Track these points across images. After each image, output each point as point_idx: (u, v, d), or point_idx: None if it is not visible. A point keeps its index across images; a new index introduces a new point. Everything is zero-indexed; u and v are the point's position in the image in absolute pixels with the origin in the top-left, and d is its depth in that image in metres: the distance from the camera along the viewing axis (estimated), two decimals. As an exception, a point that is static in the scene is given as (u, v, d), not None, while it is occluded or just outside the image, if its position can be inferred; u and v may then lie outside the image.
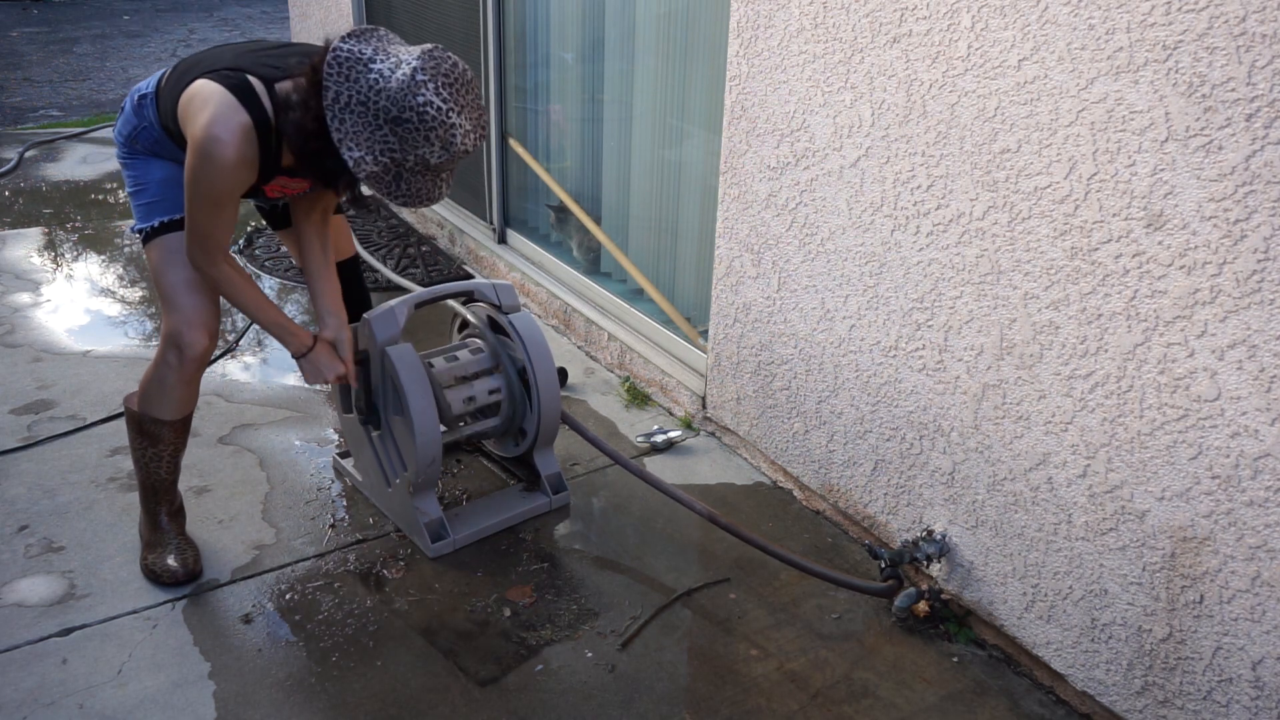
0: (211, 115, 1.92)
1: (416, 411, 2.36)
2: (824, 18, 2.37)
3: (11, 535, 2.52)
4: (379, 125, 1.87)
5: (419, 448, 2.37)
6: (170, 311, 2.20)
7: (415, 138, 1.88)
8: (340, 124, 1.86)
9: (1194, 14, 1.67)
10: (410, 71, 1.86)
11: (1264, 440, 1.70)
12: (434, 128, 1.87)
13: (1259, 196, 1.64)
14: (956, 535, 2.32)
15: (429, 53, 1.89)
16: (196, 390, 2.31)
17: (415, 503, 2.47)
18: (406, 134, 1.87)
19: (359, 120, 1.86)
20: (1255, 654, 1.79)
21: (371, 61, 1.87)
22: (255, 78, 1.98)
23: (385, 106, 1.86)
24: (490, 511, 2.62)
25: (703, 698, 2.12)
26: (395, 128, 1.87)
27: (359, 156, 1.88)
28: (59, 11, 10.34)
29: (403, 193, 1.95)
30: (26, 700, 2.04)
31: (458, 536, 2.52)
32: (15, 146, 5.71)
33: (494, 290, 2.59)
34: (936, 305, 2.25)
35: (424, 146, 1.89)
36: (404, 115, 1.86)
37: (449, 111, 1.88)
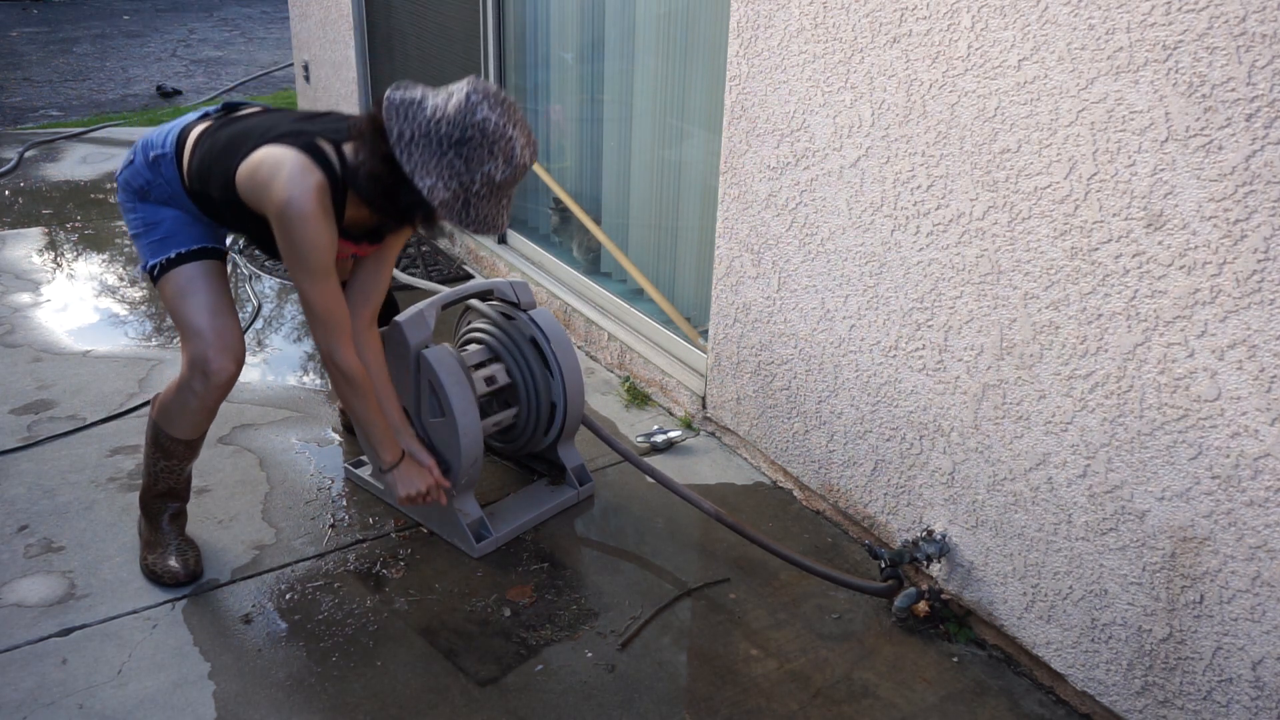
0: (287, 177, 1.98)
1: (459, 411, 2.36)
2: (824, 18, 2.38)
3: (11, 535, 2.52)
4: (444, 151, 1.94)
5: (464, 448, 2.38)
6: (192, 337, 2.20)
7: (480, 154, 1.95)
8: (409, 157, 1.93)
9: (1194, 14, 1.67)
10: (464, 96, 1.95)
11: (1264, 440, 1.70)
12: (495, 140, 1.95)
13: (1259, 196, 1.64)
14: (956, 535, 2.32)
15: (474, 80, 2.00)
16: (215, 413, 2.32)
17: (456, 504, 2.47)
18: (471, 152, 1.95)
19: (425, 150, 1.94)
20: (1255, 654, 1.79)
21: (424, 100, 1.97)
22: (324, 140, 2.05)
23: (448, 131, 1.94)
24: (524, 507, 2.64)
25: (703, 698, 2.12)
26: (460, 149, 1.95)
27: (431, 184, 1.94)
28: (59, 11, 10.34)
29: (472, 218, 2.00)
30: (26, 700, 2.04)
31: (499, 534, 2.53)
32: (15, 146, 5.71)
33: (512, 288, 2.62)
34: (936, 305, 2.25)
35: (489, 162, 1.96)
36: (467, 135, 1.94)
37: (506, 125, 1.96)
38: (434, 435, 2.45)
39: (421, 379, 2.42)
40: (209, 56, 8.60)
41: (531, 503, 2.67)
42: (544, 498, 2.69)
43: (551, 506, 2.66)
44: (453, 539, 2.52)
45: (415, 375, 2.43)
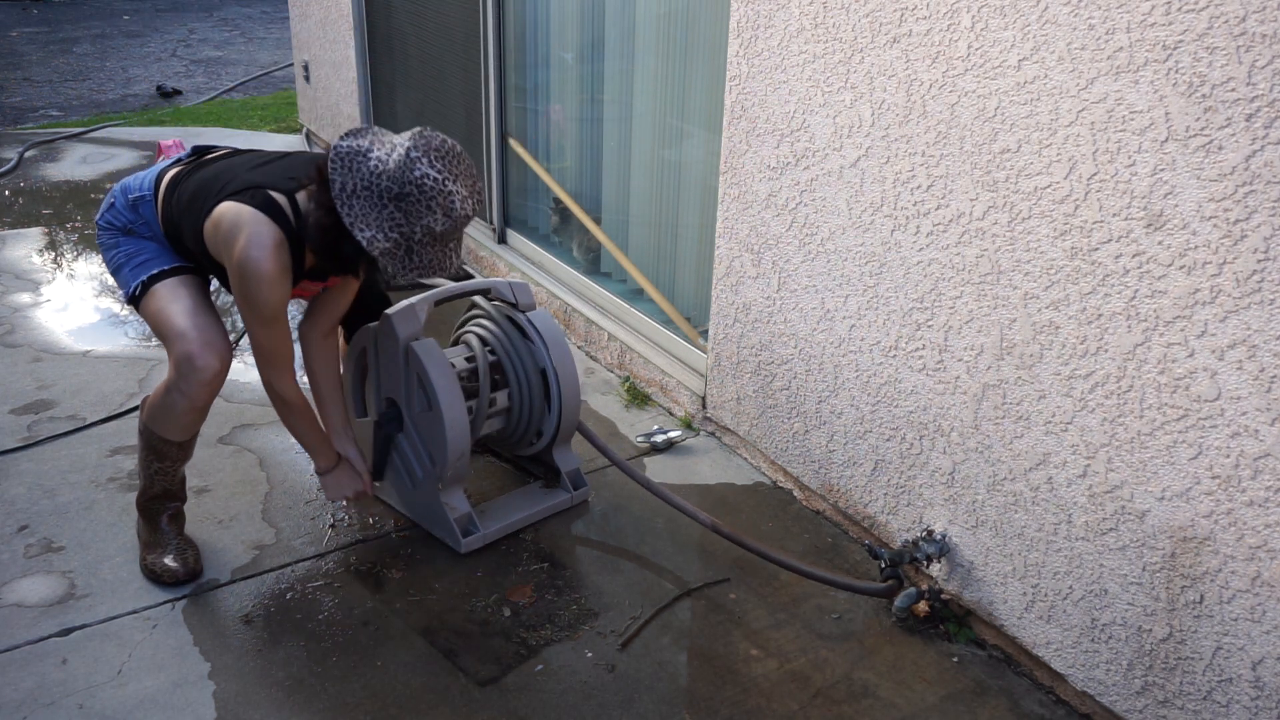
0: (247, 237, 2.07)
1: (446, 405, 2.37)
2: (824, 18, 2.38)
3: (11, 535, 2.52)
4: (384, 204, 2.02)
5: (450, 442, 2.38)
6: (176, 339, 2.22)
7: (419, 209, 2.03)
8: (349, 209, 2.02)
9: (1194, 14, 1.67)
10: (404, 152, 2.03)
11: (1264, 440, 1.70)
12: (434, 196, 2.04)
13: (1259, 196, 1.64)
14: (956, 535, 2.32)
15: (418, 134, 2.07)
16: (206, 413, 2.33)
17: (444, 499, 2.48)
18: (410, 207, 2.03)
19: (365, 203, 2.02)
20: (1255, 654, 1.79)
21: (369, 151, 2.04)
22: (276, 192, 2.12)
23: (387, 186, 2.02)
24: (515, 507, 2.63)
25: (703, 698, 2.12)
26: (399, 204, 2.03)
27: (370, 235, 2.03)
28: (59, 11, 10.34)
29: (416, 265, 2.10)
30: (26, 700, 2.04)
31: (487, 531, 2.53)
32: (15, 146, 5.71)
33: (510, 289, 2.61)
34: (936, 305, 2.25)
35: (427, 216, 2.04)
36: (405, 190, 2.02)
37: (444, 180, 2.05)
38: (421, 428, 2.45)
39: (410, 372, 2.42)
40: (209, 56, 8.60)
41: (523, 503, 2.66)
42: (536, 499, 2.67)
43: (544, 508, 2.65)
44: (440, 533, 2.53)
45: (404, 368, 2.43)
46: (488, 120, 4.05)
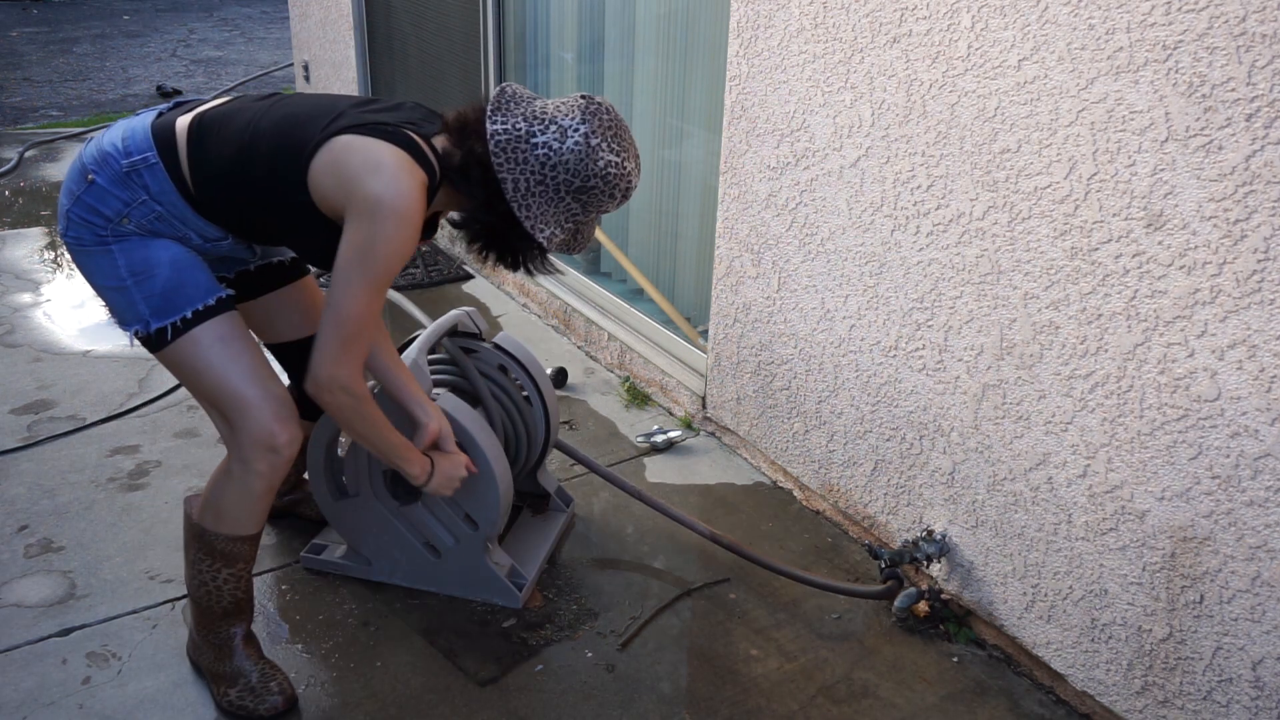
0: (391, 174, 1.71)
1: (493, 459, 2.18)
2: (824, 18, 2.38)
3: (11, 535, 2.52)
4: (562, 197, 1.82)
5: (502, 496, 2.21)
6: (245, 411, 1.85)
7: (601, 199, 1.84)
8: (527, 210, 1.80)
9: (1194, 14, 1.67)
10: (583, 138, 1.80)
11: (1264, 440, 1.70)
12: (616, 183, 1.83)
13: (1259, 196, 1.64)
14: (956, 535, 2.32)
15: (589, 110, 1.82)
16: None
17: (491, 559, 2.31)
18: (592, 198, 1.84)
19: (542, 200, 1.81)
20: (1255, 654, 1.79)
21: (532, 135, 1.79)
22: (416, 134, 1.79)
23: (567, 179, 1.80)
24: (531, 542, 2.51)
25: (703, 698, 2.12)
26: (580, 195, 1.83)
27: (550, 233, 1.83)
28: (59, 11, 10.34)
29: (578, 245, 1.90)
30: (26, 700, 2.04)
31: (530, 576, 2.39)
32: (15, 146, 5.71)
33: (470, 318, 2.46)
34: (936, 305, 2.25)
35: (608, 203, 1.85)
36: (589, 184, 1.82)
37: (625, 162, 1.84)
38: (458, 493, 2.22)
39: None
40: (209, 56, 8.60)
41: (535, 537, 2.53)
42: (543, 528, 2.56)
43: (556, 533, 2.55)
44: (487, 597, 2.34)
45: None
46: (488, 120, 4.05)
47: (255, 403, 1.85)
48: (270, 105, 1.86)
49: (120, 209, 1.81)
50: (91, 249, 1.83)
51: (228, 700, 2.02)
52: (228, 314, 1.88)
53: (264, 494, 1.92)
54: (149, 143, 1.82)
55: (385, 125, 1.77)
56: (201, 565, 1.97)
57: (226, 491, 1.92)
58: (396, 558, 2.36)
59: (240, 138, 1.81)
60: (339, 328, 1.76)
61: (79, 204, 1.82)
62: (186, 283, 1.84)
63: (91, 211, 1.81)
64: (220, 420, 1.91)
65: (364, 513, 2.33)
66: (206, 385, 1.87)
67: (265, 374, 1.88)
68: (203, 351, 1.84)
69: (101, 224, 1.81)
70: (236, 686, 2.02)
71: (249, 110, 1.85)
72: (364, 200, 1.71)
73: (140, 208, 1.81)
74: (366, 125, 1.76)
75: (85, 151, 1.85)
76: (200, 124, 1.84)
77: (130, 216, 1.81)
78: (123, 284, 1.83)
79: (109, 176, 1.81)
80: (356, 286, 1.74)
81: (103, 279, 1.85)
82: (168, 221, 1.84)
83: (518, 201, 1.78)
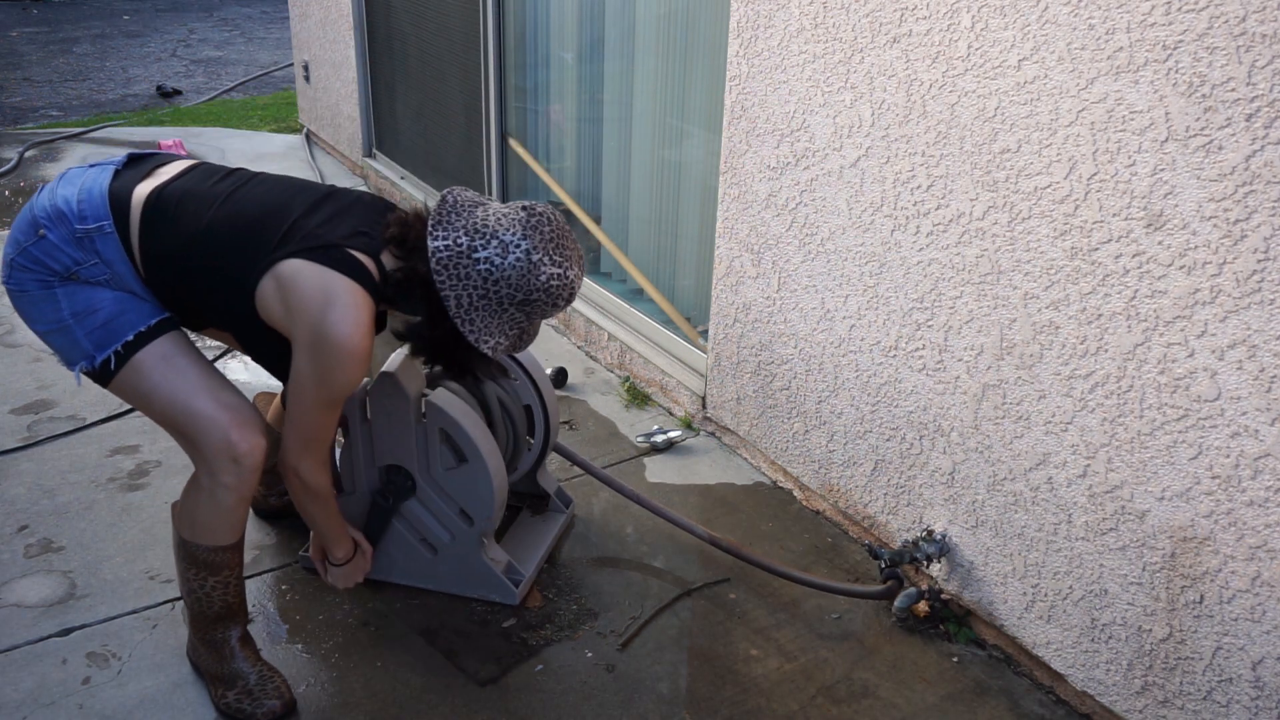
0: (341, 310, 1.75)
1: (486, 454, 2.18)
2: (824, 18, 2.38)
3: (11, 535, 2.52)
4: (505, 309, 1.86)
5: (495, 492, 2.21)
6: (203, 427, 1.84)
7: (544, 308, 1.88)
8: (470, 325, 1.83)
9: (1194, 14, 1.67)
10: (524, 254, 1.82)
11: (1264, 440, 1.70)
12: (560, 293, 1.87)
13: (1259, 196, 1.64)
14: (956, 535, 2.32)
15: (530, 224, 1.84)
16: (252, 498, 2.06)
17: (486, 555, 2.31)
18: (535, 308, 1.88)
19: (485, 313, 1.84)
20: (1255, 654, 1.79)
21: (474, 251, 1.82)
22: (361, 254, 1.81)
23: (509, 293, 1.84)
24: (530, 543, 2.50)
25: (703, 698, 2.12)
26: (524, 307, 1.87)
27: (495, 343, 1.87)
28: (59, 11, 10.34)
29: (522, 345, 1.95)
30: (26, 700, 2.04)
31: (528, 573, 2.38)
32: (15, 146, 5.71)
33: None
34: (936, 305, 2.25)
35: (551, 311, 1.90)
36: (531, 296, 1.85)
37: (566, 273, 1.87)
38: (450, 487, 2.25)
39: (429, 428, 2.21)
40: (209, 56, 8.60)
41: (534, 536, 2.52)
42: (542, 528, 2.56)
43: (555, 533, 2.54)
44: (483, 594, 2.34)
45: (416, 427, 2.21)
46: (488, 120, 4.05)
47: (208, 415, 1.84)
48: (227, 195, 1.86)
49: (70, 265, 1.81)
50: (34, 293, 1.82)
51: (225, 703, 2.02)
52: (169, 334, 1.87)
53: (235, 505, 1.91)
54: (105, 210, 1.81)
55: (332, 248, 1.78)
56: (188, 573, 1.98)
57: (198, 504, 1.92)
58: (393, 555, 2.36)
59: (190, 230, 1.81)
60: (299, 432, 1.88)
61: (25, 254, 1.80)
62: (128, 310, 1.84)
63: (38, 264, 1.80)
64: (180, 439, 1.90)
65: (360, 510, 2.33)
66: (158, 408, 1.86)
67: (215, 385, 1.87)
68: (147, 374, 1.84)
69: (49, 274, 1.81)
70: (235, 689, 2.02)
71: (204, 196, 1.85)
72: (316, 335, 1.76)
73: (91, 268, 1.82)
74: (315, 250, 1.78)
75: (38, 203, 1.83)
76: (157, 200, 1.83)
77: (79, 274, 1.82)
78: (64, 324, 1.82)
79: (62, 235, 1.80)
80: (311, 406, 1.84)
81: (44, 324, 1.84)
82: (118, 280, 1.84)
83: (460, 317, 1.82)
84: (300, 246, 1.78)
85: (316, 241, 1.79)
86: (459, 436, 2.18)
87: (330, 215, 1.86)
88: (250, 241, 1.80)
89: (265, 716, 2.00)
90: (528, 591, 2.37)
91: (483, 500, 2.23)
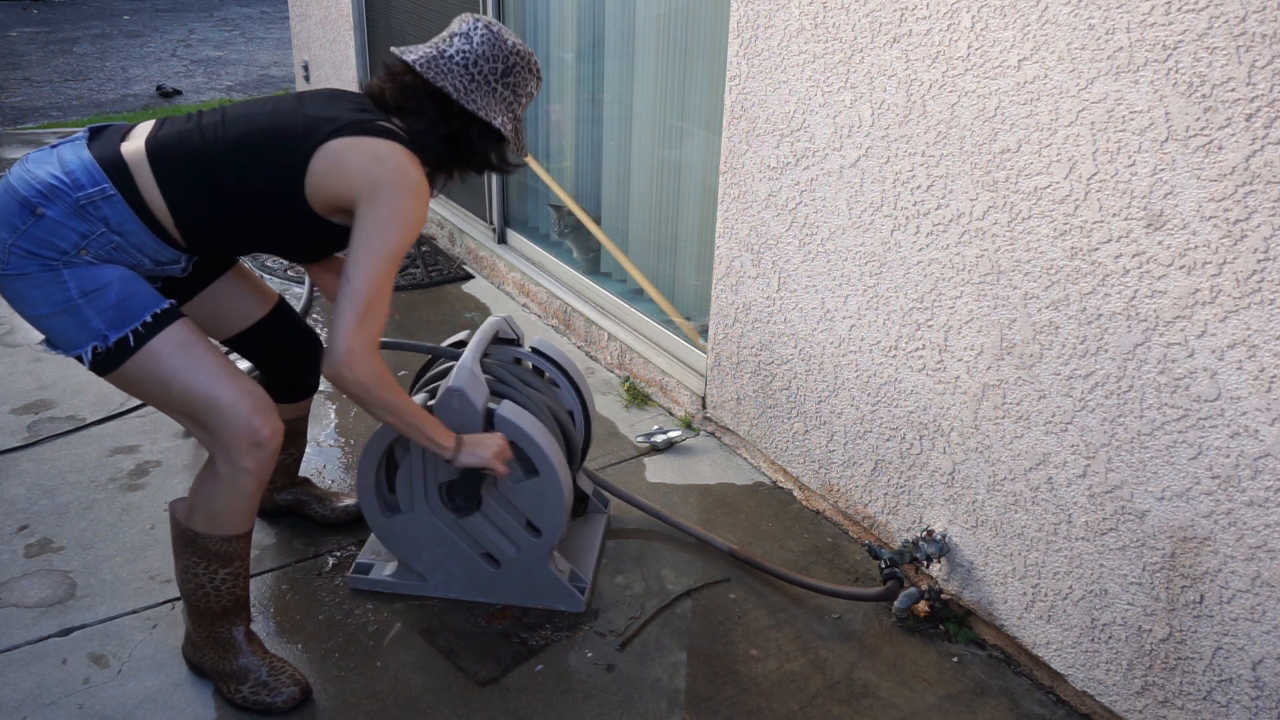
0: (396, 160, 1.83)
1: (557, 465, 2.17)
2: (824, 18, 2.38)
3: (11, 535, 2.52)
4: (494, 87, 1.96)
5: (566, 500, 2.20)
6: (222, 411, 1.84)
7: (523, 76, 2.00)
8: (475, 103, 1.94)
9: (1194, 14, 1.67)
10: (484, 28, 1.97)
11: (1264, 440, 1.70)
12: (529, 59, 2.01)
13: (1259, 196, 1.64)
14: (956, 535, 2.32)
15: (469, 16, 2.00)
16: None
17: (555, 565, 2.31)
18: (517, 79, 1.99)
19: (480, 94, 1.95)
20: (1255, 654, 1.79)
21: (444, 52, 1.95)
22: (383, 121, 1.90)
23: (491, 68, 1.96)
24: (581, 546, 2.50)
25: (703, 698, 2.12)
26: (506, 79, 1.98)
27: (502, 120, 1.98)
28: (59, 11, 10.34)
29: (522, 142, 2.06)
30: (26, 700, 2.04)
31: (588, 579, 2.39)
32: (15, 147, 5.71)
33: (509, 325, 2.43)
34: (936, 305, 2.25)
35: (530, 81, 2.02)
36: (509, 63, 1.97)
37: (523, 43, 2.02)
38: (518, 500, 2.21)
39: None
40: (209, 56, 8.60)
41: (583, 539, 2.52)
42: (586, 531, 2.56)
43: (600, 535, 2.55)
44: (549, 603, 2.33)
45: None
46: (488, 120, 4.05)
47: (231, 402, 1.84)
48: (219, 123, 1.88)
49: (77, 241, 1.77)
50: (37, 276, 1.77)
51: (240, 697, 2.02)
52: (181, 320, 1.87)
53: (255, 491, 1.92)
54: (100, 174, 1.79)
55: (357, 124, 1.86)
56: (197, 569, 1.96)
57: (217, 494, 1.90)
58: (453, 570, 2.32)
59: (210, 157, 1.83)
60: (357, 301, 1.80)
61: (26, 238, 1.76)
62: (137, 292, 1.83)
63: (42, 245, 1.76)
64: (196, 427, 1.88)
65: (418, 527, 2.28)
66: (176, 394, 1.84)
67: (233, 372, 1.88)
68: (166, 361, 1.82)
69: (54, 256, 1.77)
70: (247, 683, 2.02)
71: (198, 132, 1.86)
72: (377, 186, 1.81)
73: (98, 239, 1.79)
74: (346, 128, 1.85)
75: (18, 183, 1.78)
76: (158, 151, 1.83)
77: (88, 248, 1.79)
78: (72, 304, 1.78)
79: (63, 210, 1.76)
80: (377, 259, 1.81)
81: (46, 307, 1.79)
82: (124, 251, 1.83)
83: (465, 99, 1.93)
84: (331, 129, 1.84)
85: (341, 123, 1.85)
86: (530, 449, 2.15)
87: (324, 105, 1.93)
88: (278, 142, 1.85)
89: (286, 704, 2.02)
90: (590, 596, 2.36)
91: (554, 512, 2.20)
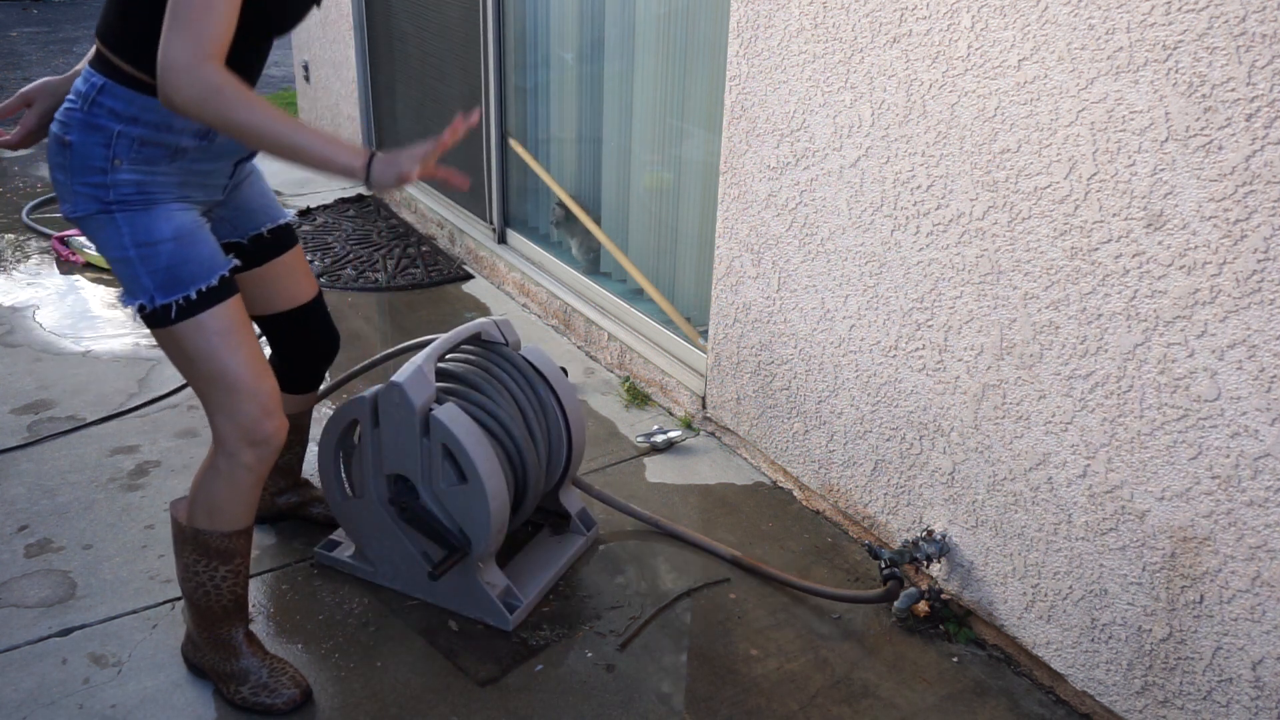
0: None
1: (486, 475, 2.13)
2: (824, 18, 2.38)
3: (11, 535, 2.52)
4: None
5: (493, 513, 2.15)
6: (238, 400, 1.85)
7: None
8: None
9: (1194, 14, 1.67)
10: None
11: (1264, 440, 1.70)
12: None
13: (1259, 196, 1.64)
14: (956, 535, 2.32)
15: None
16: None
17: (483, 577, 2.27)
18: None
19: None
20: (1255, 654, 1.79)
21: None
22: None
23: None
24: (541, 565, 2.45)
25: (703, 698, 2.12)
26: None
27: None
28: (59, 11, 10.34)
29: None
30: (26, 700, 2.04)
31: (529, 599, 2.33)
32: (15, 146, 5.71)
33: (498, 328, 2.42)
34: (936, 305, 2.25)
35: None
36: None
37: None
38: (451, 505, 2.19)
39: (432, 443, 2.16)
40: (209, 56, 8.59)
41: (547, 559, 2.47)
42: (556, 551, 2.50)
43: (569, 557, 2.49)
44: (480, 615, 2.30)
45: (421, 439, 2.17)
46: (487, 120, 4.05)
47: (248, 395, 1.85)
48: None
49: (104, 153, 1.76)
50: (97, 217, 1.79)
51: (240, 698, 2.02)
52: (232, 299, 1.86)
53: (253, 486, 1.93)
54: (91, 72, 1.77)
55: None
56: (198, 567, 1.96)
57: (215, 488, 1.91)
58: (397, 564, 2.34)
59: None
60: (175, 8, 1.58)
61: (73, 173, 1.78)
62: (190, 259, 1.81)
63: (85, 172, 1.76)
64: (210, 406, 1.89)
65: (368, 516, 2.31)
66: (199, 373, 1.85)
67: (261, 367, 1.88)
68: (206, 338, 1.83)
69: (99, 180, 1.76)
70: (248, 684, 2.03)
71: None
72: None
73: (120, 140, 1.76)
74: None
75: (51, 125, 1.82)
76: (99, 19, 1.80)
77: (118, 155, 1.76)
78: (126, 255, 1.80)
79: (78, 127, 1.76)
80: None
81: (111, 250, 1.81)
82: (153, 145, 1.78)
83: None
84: None
85: None
86: (460, 455, 2.13)
87: None
88: None
89: (286, 705, 2.02)
90: (525, 616, 2.32)
91: (479, 523, 2.17)
